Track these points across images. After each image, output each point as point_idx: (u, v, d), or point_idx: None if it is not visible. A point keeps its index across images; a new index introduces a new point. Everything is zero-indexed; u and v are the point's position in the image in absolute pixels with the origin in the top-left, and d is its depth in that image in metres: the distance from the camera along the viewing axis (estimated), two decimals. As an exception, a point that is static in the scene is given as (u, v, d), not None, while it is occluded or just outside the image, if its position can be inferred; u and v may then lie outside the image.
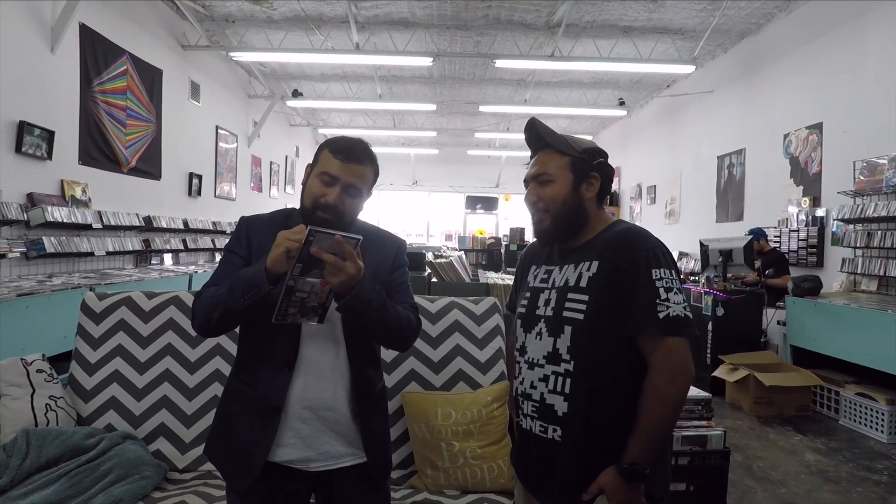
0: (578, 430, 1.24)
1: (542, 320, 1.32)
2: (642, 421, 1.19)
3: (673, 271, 1.23)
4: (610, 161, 1.42)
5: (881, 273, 4.76)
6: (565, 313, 1.27)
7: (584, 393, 1.24)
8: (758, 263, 5.58)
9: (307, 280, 1.19)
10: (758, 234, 5.80)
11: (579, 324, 1.24)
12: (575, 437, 1.24)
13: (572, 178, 1.33)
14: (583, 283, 1.27)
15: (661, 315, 1.18)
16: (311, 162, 1.42)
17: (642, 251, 1.23)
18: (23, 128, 4.45)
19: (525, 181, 1.40)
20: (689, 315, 1.21)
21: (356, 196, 1.37)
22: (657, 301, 1.19)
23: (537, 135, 1.37)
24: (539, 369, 1.31)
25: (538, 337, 1.32)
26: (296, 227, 1.25)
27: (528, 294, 1.41)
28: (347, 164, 1.34)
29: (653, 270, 1.21)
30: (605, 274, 1.24)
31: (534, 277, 1.42)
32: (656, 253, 1.23)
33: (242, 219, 1.46)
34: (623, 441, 1.21)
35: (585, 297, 1.25)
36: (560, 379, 1.27)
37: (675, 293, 1.20)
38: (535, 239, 1.49)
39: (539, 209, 1.35)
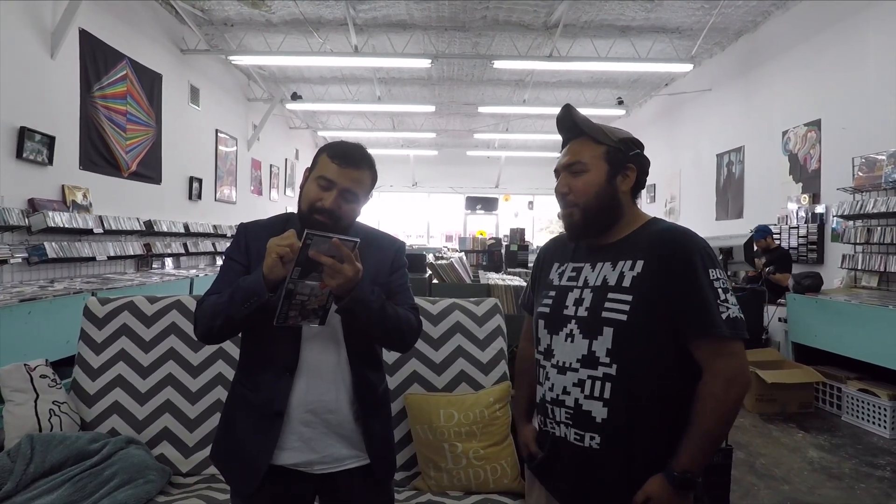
0: (619, 437, 1.17)
1: (574, 321, 1.25)
2: (698, 427, 1.12)
3: (725, 272, 1.19)
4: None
5: (881, 269, 4.76)
6: (605, 314, 1.19)
7: (626, 398, 1.17)
8: (763, 260, 5.58)
9: (306, 283, 1.19)
10: (764, 231, 5.80)
11: (622, 325, 1.17)
12: (616, 444, 1.17)
13: (607, 168, 1.26)
14: (625, 283, 1.19)
15: (724, 316, 1.13)
16: (309, 166, 1.43)
17: (696, 251, 1.17)
18: (23, 134, 4.46)
19: (556, 171, 1.32)
20: (743, 317, 1.16)
21: (353, 201, 1.37)
22: (718, 302, 1.14)
23: (572, 122, 1.30)
24: (572, 373, 1.23)
25: (569, 339, 1.25)
26: (286, 232, 1.25)
27: (552, 293, 1.32)
28: (345, 168, 1.34)
29: (709, 270, 1.15)
30: (653, 273, 1.18)
31: (559, 276, 1.34)
32: (710, 253, 1.18)
33: (241, 225, 1.47)
34: (666, 447, 1.16)
35: (629, 298, 1.18)
36: (598, 383, 1.19)
37: (731, 294, 1.17)
38: (558, 234, 1.42)
39: (569, 201, 1.27)
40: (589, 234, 1.29)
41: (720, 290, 1.15)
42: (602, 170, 1.26)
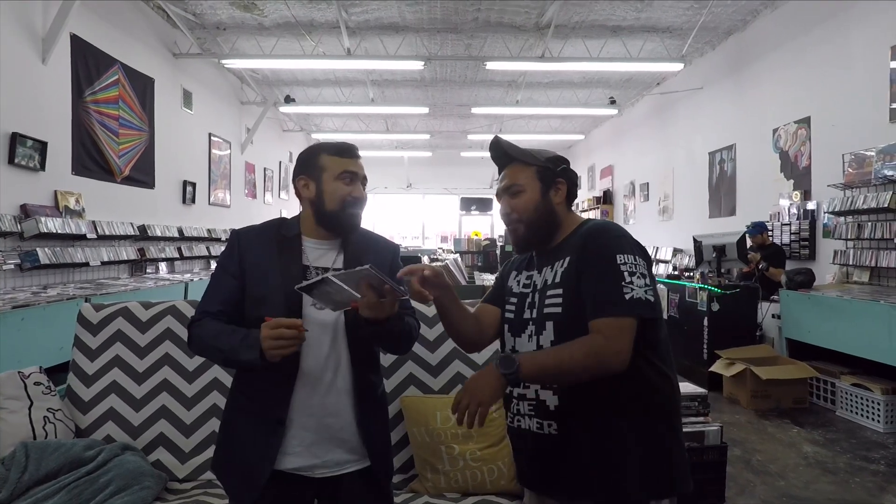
0: (571, 422, 1.26)
1: (531, 323, 1.35)
2: (561, 351, 1.20)
3: (638, 257, 1.25)
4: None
5: (872, 264, 4.79)
6: (546, 310, 1.31)
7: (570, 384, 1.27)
8: (758, 256, 5.61)
9: (343, 287, 1.19)
10: (759, 227, 5.84)
11: (559, 317, 1.28)
12: (569, 428, 1.27)
13: (540, 185, 1.39)
14: (557, 279, 1.32)
15: (628, 297, 1.20)
16: (305, 172, 1.44)
17: (605, 238, 1.27)
18: (15, 139, 4.44)
19: (497, 195, 1.46)
20: (652, 298, 1.22)
21: (365, 187, 1.50)
22: (623, 283, 1.21)
23: (502, 151, 1.44)
24: None
25: (530, 339, 1.35)
26: (285, 325, 1.22)
27: (513, 299, 1.44)
28: (356, 160, 1.45)
29: (617, 255, 1.23)
30: (574, 266, 1.29)
31: (516, 283, 1.46)
32: (621, 242, 1.26)
33: (234, 232, 1.46)
34: (617, 427, 1.24)
35: (560, 291, 1.29)
36: None
37: (639, 277, 1.22)
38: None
39: (513, 219, 1.40)
40: (533, 244, 1.43)
41: (626, 273, 1.22)
42: (536, 188, 1.39)
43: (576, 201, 1.45)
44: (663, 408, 1.29)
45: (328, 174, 1.41)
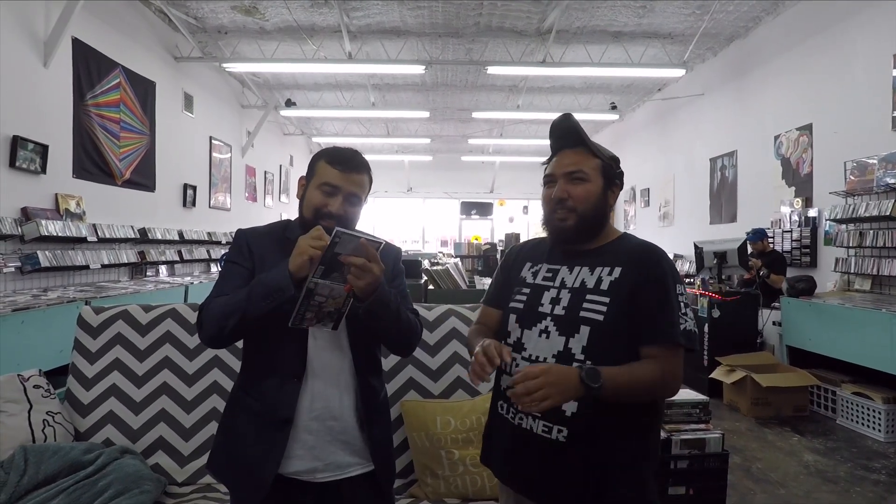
0: (585, 431, 1.23)
1: (550, 318, 1.30)
2: (637, 370, 1.21)
3: (684, 287, 1.31)
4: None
5: (874, 272, 4.79)
6: (583, 313, 1.26)
7: None
8: (760, 263, 5.61)
9: (326, 283, 1.20)
10: (760, 234, 5.83)
11: (599, 324, 1.24)
12: (581, 437, 1.23)
13: (602, 182, 1.33)
14: (604, 286, 1.28)
15: (682, 328, 1.24)
16: (304, 174, 1.44)
17: (668, 268, 1.29)
18: (16, 142, 4.44)
19: (548, 176, 1.37)
20: (696, 330, 1.29)
21: (357, 204, 1.40)
22: (679, 314, 1.25)
23: (569, 130, 1.35)
24: None
25: (543, 335, 1.30)
26: (315, 232, 1.25)
27: (525, 290, 1.38)
28: (347, 173, 1.37)
29: (676, 286, 1.27)
30: (629, 282, 1.27)
31: (532, 274, 1.41)
32: (677, 271, 1.31)
33: (240, 231, 1.47)
34: (628, 444, 1.25)
35: (606, 300, 1.26)
36: None
37: (690, 309, 1.29)
38: (541, 236, 1.49)
39: (567, 206, 1.32)
40: (578, 239, 1.35)
41: (682, 304, 1.27)
42: (599, 182, 1.33)
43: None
44: (655, 428, 1.35)
45: (315, 181, 1.39)
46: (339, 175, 1.36)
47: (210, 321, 1.31)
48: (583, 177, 1.31)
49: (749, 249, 5.42)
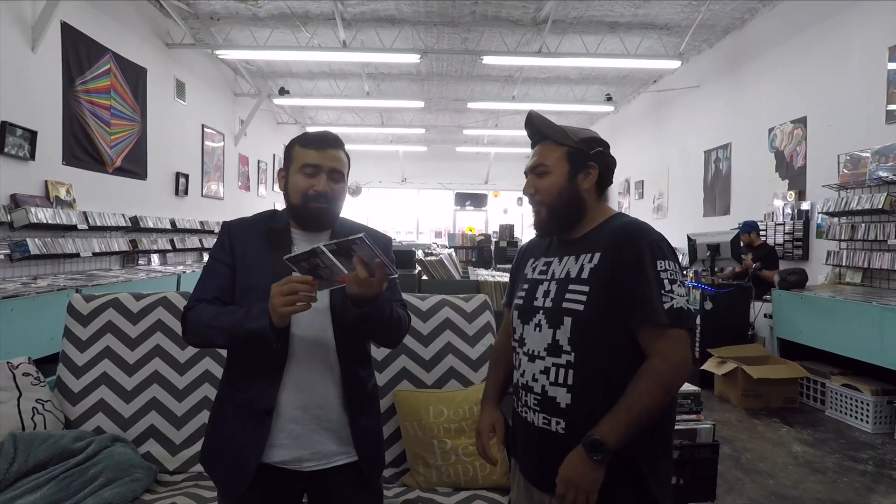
0: (582, 422, 1.22)
1: (541, 312, 1.31)
2: (632, 400, 1.15)
3: (676, 264, 1.24)
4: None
5: (865, 265, 4.82)
6: (565, 304, 1.26)
7: (587, 384, 1.23)
8: (751, 256, 5.63)
9: (331, 258, 1.17)
10: (749, 226, 5.86)
11: (579, 315, 1.24)
12: (579, 428, 1.21)
13: (568, 168, 1.33)
14: (584, 275, 1.26)
15: (667, 306, 1.18)
16: (282, 165, 1.45)
17: (646, 243, 1.23)
18: (4, 128, 4.38)
19: (525, 173, 1.41)
20: (691, 308, 1.22)
21: (340, 181, 1.42)
22: (662, 292, 1.19)
23: (536, 127, 1.39)
24: (540, 361, 1.30)
25: (537, 328, 1.31)
26: (286, 287, 1.19)
27: (525, 286, 1.40)
28: (323, 150, 1.39)
29: (657, 262, 1.21)
30: (607, 266, 1.24)
31: (532, 269, 1.42)
32: (660, 245, 1.24)
33: (225, 224, 1.47)
34: None
35: (586, 289, 1.24)
36: (562, 371, 1.26)
37: (679, 285, 1.21)
38: (534, 232, 1.50)
39: (536, 201, 1.36)
40: (555, 230, 1.38)
41: (666, 281, 1.20)
42: (563, 170, 1.33)
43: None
44: (662, 419, 1.25)
45: (294, 166, 1.39)
46: (317, 154, 1.37)
47: (193, 333, 1.35)
48: (545, 170, 1.34)
49: (741, 243, 5.44)
